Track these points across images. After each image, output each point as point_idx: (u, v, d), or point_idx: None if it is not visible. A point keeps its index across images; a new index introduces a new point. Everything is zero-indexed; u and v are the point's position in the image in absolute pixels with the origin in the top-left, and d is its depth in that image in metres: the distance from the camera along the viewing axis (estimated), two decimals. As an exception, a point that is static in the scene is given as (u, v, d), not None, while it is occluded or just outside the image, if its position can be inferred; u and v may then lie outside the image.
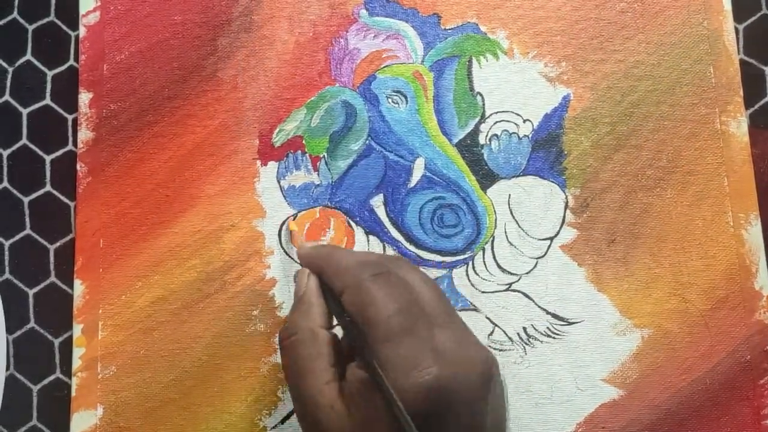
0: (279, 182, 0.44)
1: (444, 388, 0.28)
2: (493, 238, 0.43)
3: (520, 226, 0.43)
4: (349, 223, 0.43)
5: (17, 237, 0.44)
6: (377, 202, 0.43)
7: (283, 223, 0.43)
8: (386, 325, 0.29)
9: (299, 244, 0.39)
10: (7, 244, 0.44)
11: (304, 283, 0.34)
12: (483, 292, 0.42)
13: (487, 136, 0.44)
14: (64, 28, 0.46)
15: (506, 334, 0.42)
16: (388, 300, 0.30)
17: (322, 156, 0.44)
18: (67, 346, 0.42)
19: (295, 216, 0.43)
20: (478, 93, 0.44)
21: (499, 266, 0.43)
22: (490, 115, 0.44)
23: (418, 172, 0.44)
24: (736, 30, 0.46)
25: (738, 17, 0.46)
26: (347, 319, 0.31)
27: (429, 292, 0.32)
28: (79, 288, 0.42)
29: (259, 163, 0.44)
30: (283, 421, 0.41)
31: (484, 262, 0.43)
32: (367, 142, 0.44)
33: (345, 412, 0.30)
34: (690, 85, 0.45)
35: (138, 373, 0.42)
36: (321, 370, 0.31)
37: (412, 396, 0.28)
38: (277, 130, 0.44)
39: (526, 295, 0.42)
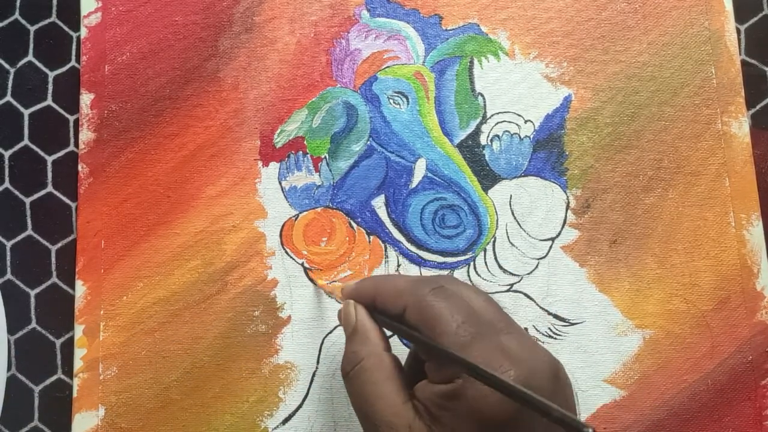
0: (280, 183, 0.44)
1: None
2: (495, 238, 0.43)
3: (521, 227, 0.43)
4: (350, 224, 0.43)
5: (19, 238, 0.44)
6: (378, 203, 0.43)
7: (283, 224, 0.43)
8: (455, 336, 0.29)
9: (342, 286, 0.38)
10: (8, 244, 0.44)
11: (352, 313, 0.34)
12: (484, 292, 0.42)
13: (488, 136, 0.44)
14: (66, 29, 0.46)
15: (508, 335, 0.42)
16: (452, 311, 0.30)
17: (323, 157, 0.44)
18: (68, 347, 0.42)
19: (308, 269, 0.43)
20: (480, 94, 0.44)
21: (500, 267, 0.43)
22: (492, 115, 0.44)
23: (419, 172, 0.44)
24: (738, 31, 0.46)
25: (739, 18, 0.46)
26: (413, 333, 0.31)
27: (483, 302, 0.32)
28: (80, 289, 0.42)
29: (260, 163, 0.44)
30: (284, 422, 0.41)
31: (485, 262, 0.43)
32: (369, 142, 0.44)
33: (425, 430, 0.29)
34: (692, 86, 0.45)
35: (139, 374, 0.42)
36: (393, 392, 0.31)
37: (497, 399, 0.28)
38: (279, 130, 0.44)
39: (528, 296, 0.42)
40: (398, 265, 0.43)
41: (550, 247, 0.43)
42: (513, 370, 0.28)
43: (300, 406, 0.41)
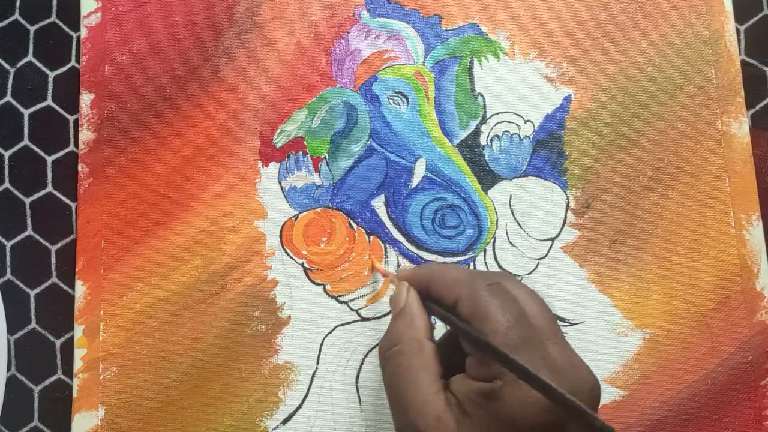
0: (280, 183, 0.44)
1: None
2: (495, 238, 0.43)
3: (521, 227, 0.43)
4: (350, 224, 0.43)
5: (19, 238, 0.44)
6: (378, 203, 0.43)
7: (283, 225, 0.43)
8: (504, 337, 0.29)
9: (396, 271, 0.37)
10: (8, 244, 0.44)
11: (403, 295, 0.34)
12: (484, 292, 0.42)
13: (488, 136, 0.44)
14: (66, 29, 0.46)
15: (508, 335, 0.42)
16: (504, 311, 0.30)
17: (323, 157, 0.44)
18: (68, 347, 0.42)
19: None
20: (479, 94, 0.44)
21: (500, 267, 0.43)
22: (491, 115, 0.44)
23: (419, 172, 0.44)
24: (738, 31, 0.46)
25: (739, 18, 0.46)
26: (466, 326, 0.30)
27: (536, 306, 0.31)
28: (80, 289, 0.42)
29: (260, 163, 0.44)
30: (284, 422, 0.41)
31: (485, 262, 0.43)
32: (368, 142, 0.44)
33: (453, 424, 0.29)
34: (692, 87, 0.45)
35: (139, 374, 0.42)
36: (428, 380, 0.31)
37: (535, 409, 0.28)
38: (279, 131, 0.44)
39: (528, 296, 0.42)
40: (398, 266, 0.43)
41: (550, 247, 0.43)
42: (555, 383, 0.28)
43: (300, 406, 0.41)
